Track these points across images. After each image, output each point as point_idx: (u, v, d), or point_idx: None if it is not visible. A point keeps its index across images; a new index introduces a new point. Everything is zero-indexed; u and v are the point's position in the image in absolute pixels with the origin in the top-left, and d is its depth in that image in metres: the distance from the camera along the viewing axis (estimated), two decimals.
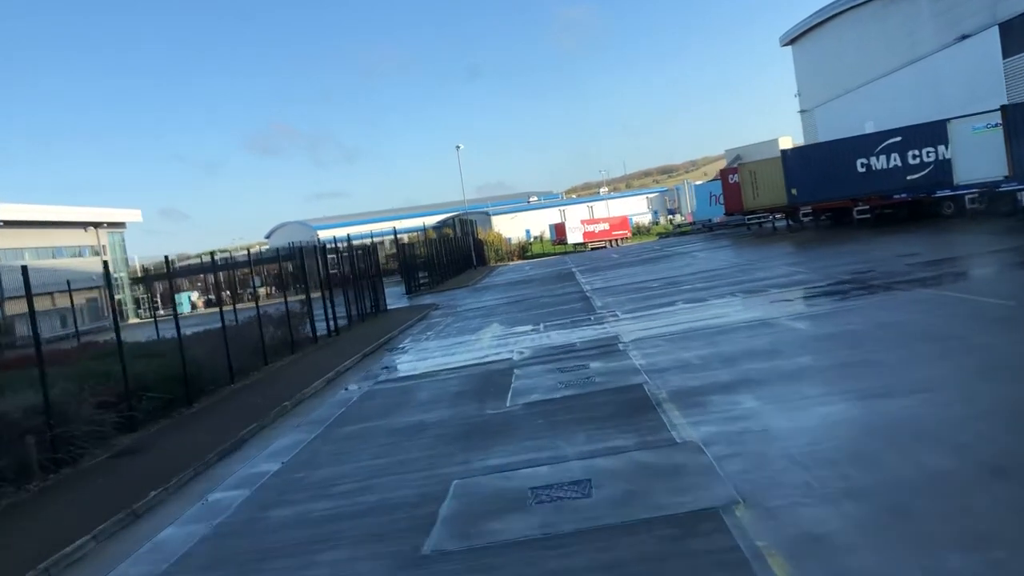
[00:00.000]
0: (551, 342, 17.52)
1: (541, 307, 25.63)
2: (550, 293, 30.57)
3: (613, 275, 34.44)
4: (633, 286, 27.47)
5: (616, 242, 77.99)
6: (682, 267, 32.34)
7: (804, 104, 69.04)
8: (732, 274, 26.04)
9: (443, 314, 29.27)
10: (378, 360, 19.44)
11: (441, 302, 35.13)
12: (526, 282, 39.49)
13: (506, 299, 31.21)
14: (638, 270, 34.85)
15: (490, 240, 78.77)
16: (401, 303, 38.40)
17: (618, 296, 24.93)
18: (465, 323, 24.65)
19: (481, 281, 47.30)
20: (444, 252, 55.12)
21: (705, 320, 16.82)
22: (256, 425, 12.96)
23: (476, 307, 29.81)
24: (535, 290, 33.21)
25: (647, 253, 48.36)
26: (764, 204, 44.90)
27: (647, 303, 21.68)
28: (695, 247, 46.05)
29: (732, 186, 48.61)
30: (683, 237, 63.62)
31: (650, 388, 11.29)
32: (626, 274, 33.68)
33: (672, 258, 39.13)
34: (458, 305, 32.19)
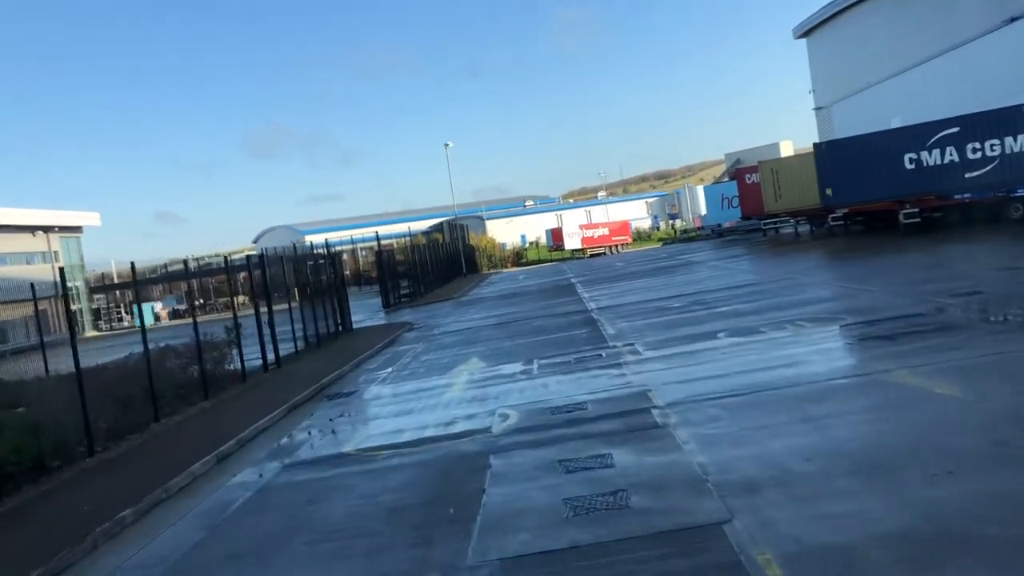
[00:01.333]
0: (548, 396, 11.96)
1: (535, 333, 20.08)
2: (547, 312, 25.04)
3: (621, 288, 28.94)
4: (650, 305, 21.93)
5: (616, 248, 72.65)
6: (704, 280, 26.85)
7: (819, 100, 63.70)
8: (775, 291, 20.53)
9: (416, 337, 23.71)
10: (306, 417, 13.82)
11: (419, 320, 29.58)
12: (519, 295, 33.96)
13: (494, 318, 25.67)
14: (651, 283, 29.33)
15: (482, 246, 73.26)
16: (374, 319, 32.83)
17: (633, 320, 19.39)
18: (438, 354, 19.08)
19: (469, 292, 41.76)
20: (430, 259, 49.60)
21: (774, 368, 11.28)
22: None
23: (457, 329, 24.25)
24: (529, 307, 27.67)
25: (655, 261, 42.87)
26: (789, 206, 39.42)
27: (677, 333, 16.11)
28: (708, 255, 40.56)
29: (750, 187, 43.13)
30: (690, 243, 58.16)
31: (746, 548, 5.74)
32: (637, 287, 28.18)
33: (687, 268, 33.65)
34: (437, 325, 26.64)
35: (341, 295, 29.13)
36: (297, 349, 22.47)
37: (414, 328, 26.58)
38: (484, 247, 73.47)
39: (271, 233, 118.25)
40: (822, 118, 63.29)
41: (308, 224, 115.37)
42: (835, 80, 59.91)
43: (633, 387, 11.65)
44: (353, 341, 24.93)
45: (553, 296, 30.52)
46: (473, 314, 28.43)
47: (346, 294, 29.52)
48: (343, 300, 29.05)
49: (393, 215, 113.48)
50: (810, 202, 38.13)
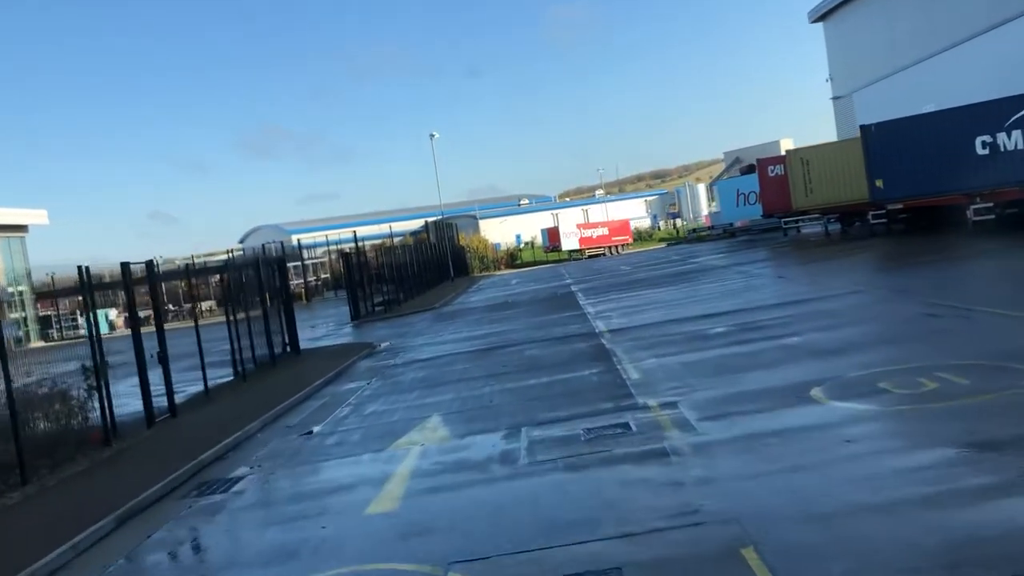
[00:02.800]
0: (546, 539, 6.24)
1: (526, 370, 14.33)
2: (542, 334, 19.30)
3: (634, 300, 23.22)
4: (680, 329, 16.20)
5: (616, 249, 67.00)
6: (741, 291, 21.17)
7: (838, 89, 58.05)
8: (852, 312, 14.86)
9: (371, 370, 17.91)
10: (130, 546, 8.05)
11: (386, 338, 23.81)
12: (509, 307, 28.19)
13: (475, 342, 19.89)
14: (671, 294, 23.59)
15: (473, 246, 67.48)
16: (334, 336, 27.06)
17: (662, 353, 13.67)
18: (389, 404, 13.29)
19: (454, 301, 36.01)
20: (413, 262, 43.85)
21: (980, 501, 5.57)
22: None
23: (426, 357, 18.44)
24: (520, 325, 21.90)
25: (665, 265, 37.16)
26: (822, 202, 33.76)
27: (739, 383, 10.32)
28: (728, 258, 34.84)
29: (774, 180, 37.41)
30: (699, 244, 52.45)
31: None
32: (655, 300, 22.45)
33: (709, 274, 27.92)
34: (404, 348, 20.87)
35: (288, 308, 23.36)
36: (207, 389, 16.60)
37: (375, 352, 20.81)
38: (475, 248, 67.71)
39: (257, 233, 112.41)
40: (841, 108, 57.64)
41: (295, 223, 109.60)
42: (856, 66, 54.27)
43: (704, 519, 5.94)
44: (295, 370, 19.19)
45: (550, 309, 24.78)
46: (451, 333, 22.66)
47: (291, 307, 23.71)
48: (290, 315, 23.28)
49: (383, 214, 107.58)
50: (849, 196, 32.49)
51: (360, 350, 21.21)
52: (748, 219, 47.25)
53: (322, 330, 30.28)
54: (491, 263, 67.83)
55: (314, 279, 59.12)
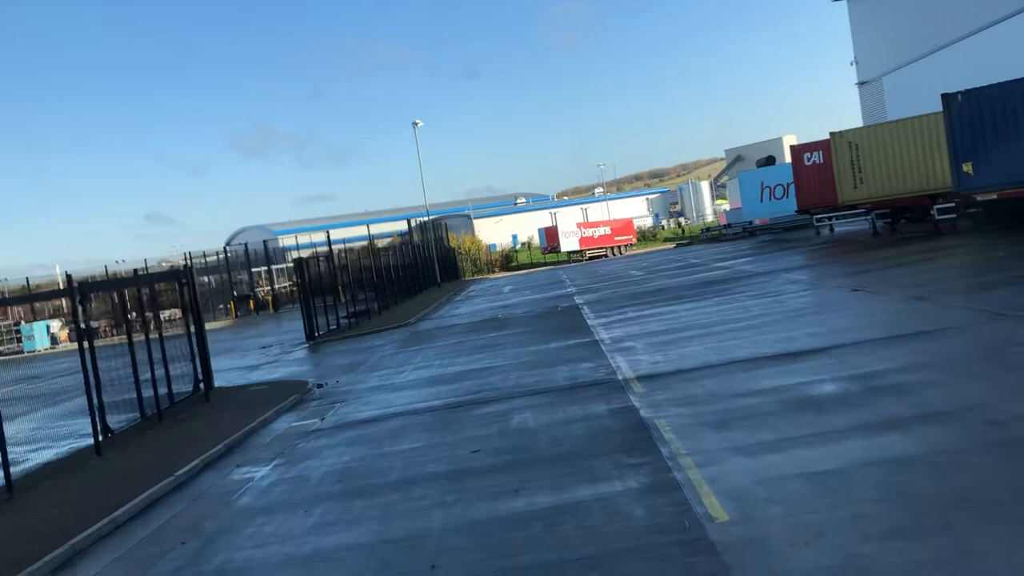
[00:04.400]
0: None
1: (511, 467, 8.20)
2: (539, 378, 13.21)
3: (661, 321, 17.13)
4: (757, 381, 10.06)
5: (619, 250, 61.03)
6: (814, 309, 15.11)
7: (864, 74, 52.00)
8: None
9: (281, 440, 11.73)
10: None
11: (333, 372, 17.74)
12: (498, 326, 22.08)
13: (444, 388, 13.74)
14: (708, 312, 17.47)
15: (465, 248, 61.34)
16: (276, 366, 20.96)
17: (753, 442, 7.58)
18: (256, 550, 7.30)
19: (434, 314, 29.94)
20: (393, 267, 37.79)
21: None
22: None
23: (366, 418, 12.23)
24: (507, 359, 15.74)
25: (683, 269, 31.08)
26: (877, 193, 27.74)
27: None
28: (761, 261, 28.77)
29: (811, 170, 31.37)
30: (715, 244, 46.33)
31: None
32: (688, 321, 16.34)
33: (748, 282, 21.82)
34: (346, 393, 14.73)
35: (199, 335, 17.24)
36: (39, 469, 10.45)
37: (304, 400, 14.68)
38: (467, 249, 61.57)
39: (244, 234, 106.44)
40: (868, 93, 51.60)
41: (283, 224, 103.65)
42: (886, 47, 48.25)
43: None
44: (183, 429, 13.11)
45: (549, 332, 18.69)
46: (416, 368, 16.52)
47: (201, 329, 17.59)
48: (201, 343, 17.18)
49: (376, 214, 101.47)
50: (909, 186, 26.48)
51: (288, 394, 15.11)
52: (769, 216, 41.19)
53: (266, 354, 24.22)
54: (484, 265, 61.73)
55: (288, 284, 52.96)
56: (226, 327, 40.67)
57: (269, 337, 30.27)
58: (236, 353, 26.07)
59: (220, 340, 33.15)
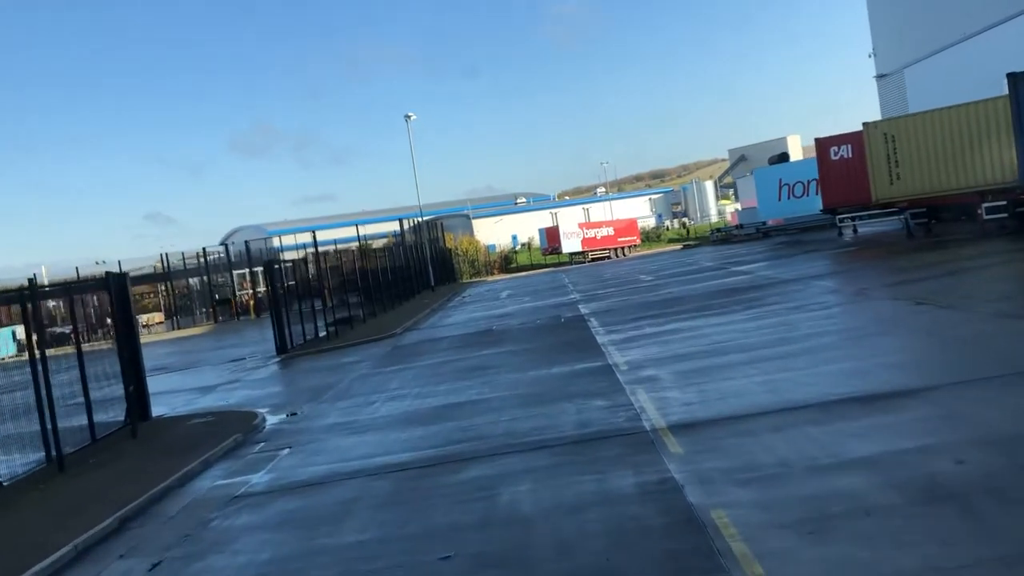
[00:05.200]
0: None
1: (506, 568, 5.39)
2: (539, 422, 10.26)
3: (687, 341, 14.12)
4: (842, 444, 7.16)
5: (623, 251, 58.13)
6: (876, 328, 12.15)
7: (884, 66, 49.06)
8: None
9: (195, 514, 8.82)
10: None
11: (292, 401, 14.81)
12: (491, 342, 19.08)
13: (417, 431, 10.73)
14: (744, 329, 14.46)
15: (463, 249, 58.38)
16: (234, 387, 17.97)
17: (868, 537, 4.68)
18: None
19: (424, 323, 26.98)
20: (382, 270, 34.87)
21: None
22: None
23: (310, 480, 9.15)
24: (500, 391, 12.74)
25: (698, 274, 28.10)
26: (917, 190, 24.80)
27: None
28: (785, 266, 25.78)
29: (839, 165, 28.41)
30: (726, 246, 43.32)
31: None
32: (722, 341, 13.32)
33: (779, 291, 18.80)
34: (296, 435, 11.70)
35: (132, 356, 14.26)
36: None
37: (243, 446, 11.64)
38: (465, 250, 58.61)
39: (238, 234, 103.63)
40: (887, 87, 48.63)
41: (278, 224, 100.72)
42: (907, 38, 45.30)
43: None
44: (83, 488, 10.14)
45: (551, 353, 15.70)
46: (389, 399, 13.51)
47: (138, 354, 14.62)
48: (134, 361, 14.22)
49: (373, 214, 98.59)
50: (959, 182, 23.53)
51: (230, 432, 12.15)
52: (788, 216, 38.18)
53: (231, 369, 21.26)
54: (483, 267, 58.81)
55: None
56: (203, 333, 37.76)
57: (242, 347, 27.33)
58: (199, 368, 23.14)
59: (189, 350, 30.21)
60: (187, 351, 30.12)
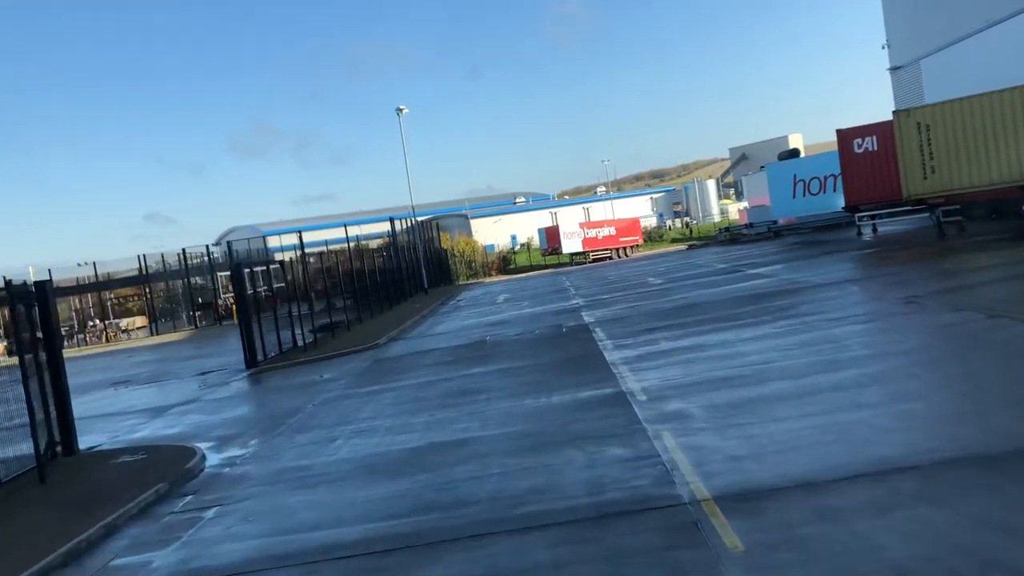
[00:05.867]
0: None
1: None
2: (540, 459, 7.91)
3: (711, 355, 11.69)
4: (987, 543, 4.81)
5: (625, 251, 55.76)
6: (953, 351, 9.73)
7: (898, 58, 46.67)
8: None
9: None
10: None
11: (246, 431, 12.41)
12: (483, 356, 16.65)
13: (390, 478, 8.37)
14: (774, 341, 12.05)
15: (459, 249, 55.97)
16: (187, 411, 15.54)
17: None
18: None
19: (412, 331, 24.57)
20: (371, 272, 32.50)
21: None
22: None
23: (237, 564, 7.00)
24: (493, 416, 10.39)
25: (711, 276, 25.68)
26: (955, 186, 22.41)
27: None
28: (807, 269, 23.38)
29: (863, 159, 26.01)
30: (735, 246, 40.91)
31: None
32: (751, 355, 10.89)
33: (812, 298, 16.35)
34: (236, 488, 9.31)
35: (52, 373, 11.84)
36: None
37: (163, 501, 9.21)
38: (462, 251, 56.18)
39: (233, 234, 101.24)
40: (901, 80, 46.22)
41: (272, 224, 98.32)
42: (923, 28, 42.90)
43: None
44: None
45: (553, 371, 13.29)
46: (356, 434, 11.10)
47: (60, 375, 12.17)
48: (57, 386, 11.80)
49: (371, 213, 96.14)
50: (1005, 175, 21.16)
51: (157, 478, 9.76)
52: (804, 214, 35.76)
53: (194, 384, 18.86)
54: (480, 268, 56.37)
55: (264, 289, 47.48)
56: (182, 340, 35.35)
57: (217, 356, 24.92)
58: (162, 382, 20.75)
59: (161, 359, 27.83)
60: (159, 360, 27.74)
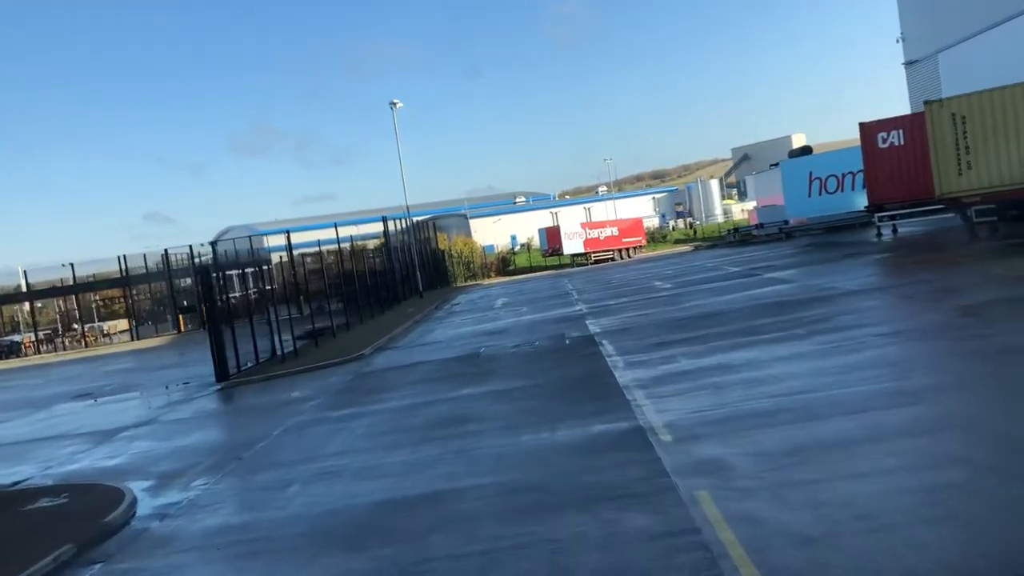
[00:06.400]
0: None
1: None
2: (541, 529, 5.95)
3: (743, 379, 9.72)
4: None
5: (628, 252, 53.81)
6: None
7: (913, 52, 44.70)
8: None
9: None
10: None
11: (207, 455, 10.47)
12: (479, 370, 14.65)
13: (345, 561, 6.52)
14: (818, 363, 10.09)
15: (456, 250, 54.00)
16: (138, 436, 13.56)
17: None
18: None
19: (401, 340, 22.59)
20: (361, 275, 30.56)
21: None
22: None
23: None
24: (484, 459, 8.44)
25: (724, 281, 23.72)
26: (995, 182, 20.44)
27: None
28: (832, 274, 21.38)
29: (890, 154, 24.02)
30: (745, 248, 38.93)
31: None
32: (792, 379, 8.92)
33: (845, 307, 14.37)
34: (150, 561, 7.49)
35: None
36: None
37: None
38: (459, 252, 54.21)
39: (229, 233, 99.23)
40: (917, 75, 44.22)
41: (268, 224, 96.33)
42: (942, 20, 40.93)
43: None
44: None
45: (555, 396, 11.31)
46: (316, 478, 9.15)
47: None
48: None
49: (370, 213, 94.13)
50: None
51: (67, 535, 7.80)
52: (821, 214, 33.76)
53: (156, 403, 16.89)
54: (479, 270, 54.42)
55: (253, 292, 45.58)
56: (161, 345, 33.39)
57: (194, 366, 22.95)
58: (126, 396, 18.80)
59: (133, 368, 25.89)
60: (131, 369, 25.81)
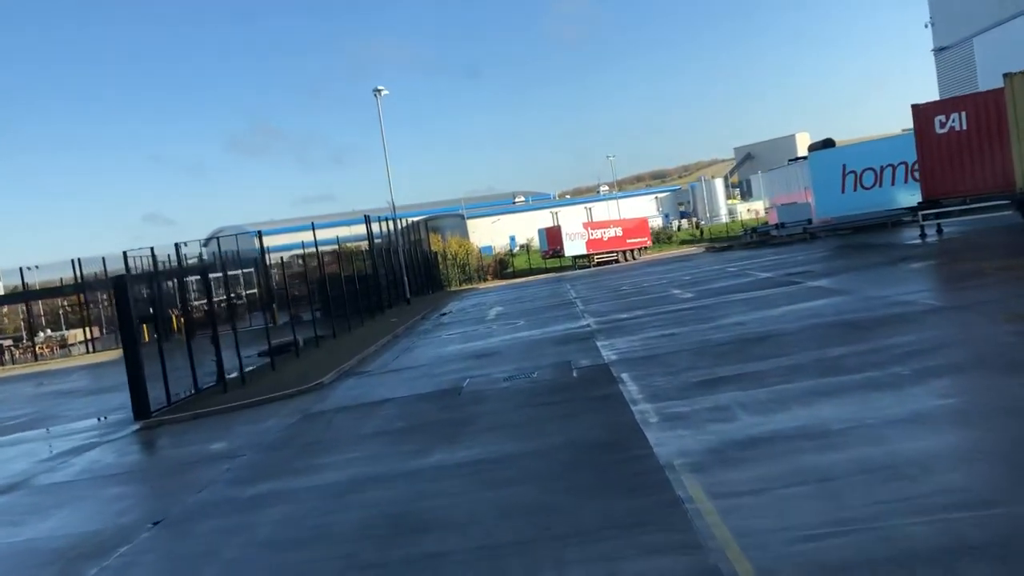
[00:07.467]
0: None
1: None
2: None
3: (873, 473, 6.00)
4: None
5: (633, 254, 50.13)
6: None
7: (943, 38, 40.95)
8: None
9: None
10: None
11: (56, 557, 6.73)
12: (458, 417, 10.91)
13: None
14: (965, 435, 6.43)
15: (452, 252, 50.24)
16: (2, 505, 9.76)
17: None
18: None
19: (371, 362, 18.77)
20: (338, 281, 26.83)
21: None
22: None
23: None
24: None
25: (754, 289, 19.95)
26: None
27: None
28: (882, 283, 17.59)
29: (950, 140, 20.22)
30: (766, 250, 35.19)
31: None
32: (927, 459, 5.34)
33: (933, 329, 10.72)
34: None
35: None
36: None
37: None
38: (455, 254, 50.47)
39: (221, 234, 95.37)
40: (947, 61, 40.43)
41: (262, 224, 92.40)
42: (976, 3, 37.22)
43: None
44: None
45: (563, 470, 7.53)
46: None
47: None
48: None
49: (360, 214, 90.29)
50: None
51: None
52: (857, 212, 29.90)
53: (49, 449, 13.13)
54: (475, 273, 50.69)
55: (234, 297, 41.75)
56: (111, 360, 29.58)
57: (123, 392, 19.11)
58: (21, 439, 15.01)
59: (62, 391, 22.08)
60: (64, 392, 22.06)
